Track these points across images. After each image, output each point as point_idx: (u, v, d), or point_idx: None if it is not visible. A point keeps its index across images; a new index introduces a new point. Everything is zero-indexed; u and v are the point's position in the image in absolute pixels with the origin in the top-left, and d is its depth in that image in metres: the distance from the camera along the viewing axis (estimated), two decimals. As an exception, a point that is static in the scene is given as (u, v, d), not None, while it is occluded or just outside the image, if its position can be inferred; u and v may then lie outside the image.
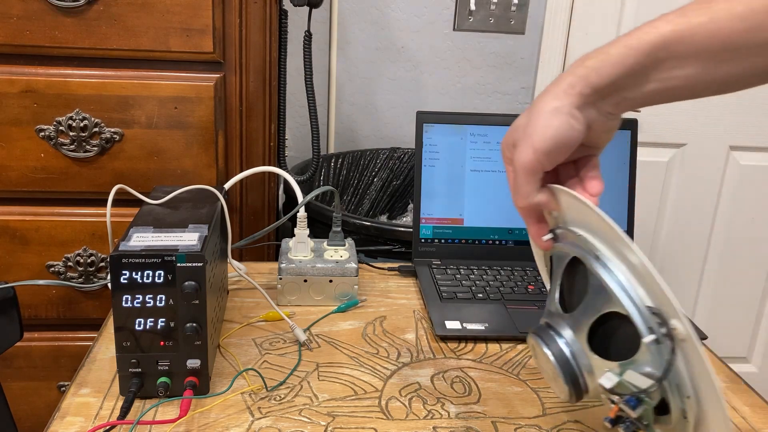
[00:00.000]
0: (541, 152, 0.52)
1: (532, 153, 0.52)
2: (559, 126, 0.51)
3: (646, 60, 0.49)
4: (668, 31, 0.49)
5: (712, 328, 1.92)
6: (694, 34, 0.48)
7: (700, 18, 0.48)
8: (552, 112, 0.51)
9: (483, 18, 1.67)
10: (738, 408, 0.71)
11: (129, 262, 0.62)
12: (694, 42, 0.48)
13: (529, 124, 0.52)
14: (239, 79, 1.08)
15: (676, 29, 0.49)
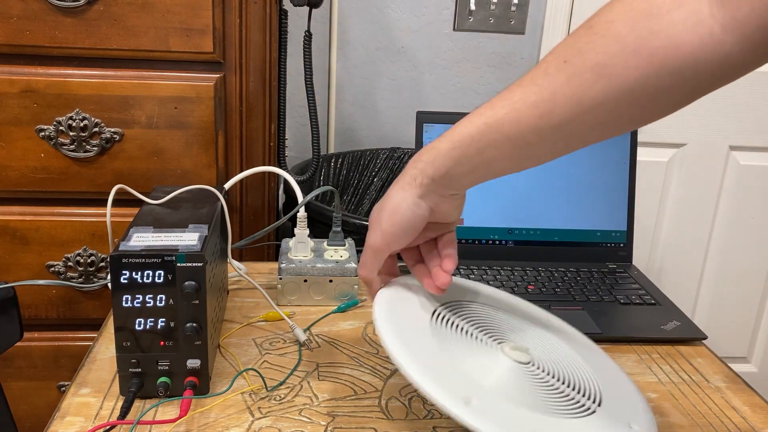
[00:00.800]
0: (388, 235, 0.61)
1: (380, 236, 0.61)
2: (404, 213, 0.60)
3: (468, 150, 0.57)
4: (482, 123, 0.56)
5: (712, 328, 1.92)
6: (501, 124, 0.55)
7: (504, 109, 0.55)
8: (398, 202, 0.60)
9: (483, 18, 1.67)
10: (738, 408, 0.71)
11: (129, 262, 0.62)
12: (503, 131, 0.55)
13: (381, 210, 0.61)
14: (239, 79, 1.08)
15: (487, 121, 0.56)
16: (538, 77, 0.54)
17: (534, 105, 0.54)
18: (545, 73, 0.54)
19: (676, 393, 0.73)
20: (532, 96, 0.54)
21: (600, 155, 1.01)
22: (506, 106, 0.55)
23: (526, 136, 0.55)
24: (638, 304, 0.90)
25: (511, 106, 0.55)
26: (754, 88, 1.73)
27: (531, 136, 0.55)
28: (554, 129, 0.54)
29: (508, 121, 0.55)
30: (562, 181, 1.01)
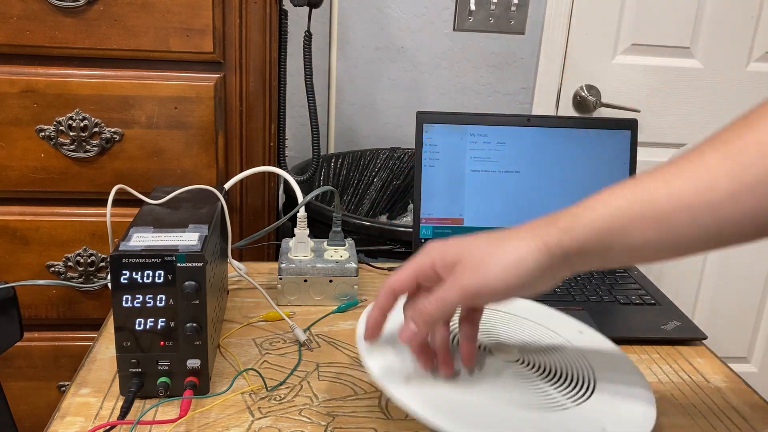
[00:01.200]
0: (495, 284, 0.52)
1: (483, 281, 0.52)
2: (529, 269, 0.52)
3: (610, 224, 0.51)
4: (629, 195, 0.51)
5: (712, 328, 1.91)
6: (652, 198, 0.51)
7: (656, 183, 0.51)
8: (524, 255, 0.52)
9: (483, 18, 1.67)
10: (738, 408, 0.71)
11: (129, 262, 0.62)
12: (653, 206, 0.50)
13: (492, 256, 0.53)
14: (239, 79, 1.08)
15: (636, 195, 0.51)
16: (693, 156, 0.51)
17: (689, 179, 0.50)
18: (700, 153, 0.51)
19: (676, 393, 0.73)
20: (687, 171, 0.51)
21: (600, 155, 1.01)
22: (658, 180, 0.51)
23: (679, 214, 0.50)
24: (638, 304, 0.90)
25: (663, 180, 0.51)
26: (755, 88, 1.73)
27: (683, 215, 0.50)
28: (710, 209, 0.50)
29: (660, 195, 0.51)
30: (563, 182, 1.01)
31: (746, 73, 1.73)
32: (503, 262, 0.52)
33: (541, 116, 1.49)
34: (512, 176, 1.00)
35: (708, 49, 1.70)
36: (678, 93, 1.74)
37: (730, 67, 1.72)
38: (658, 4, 1.67)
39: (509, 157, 1.00)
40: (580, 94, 1.72)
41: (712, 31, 1.69)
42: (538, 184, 1.01)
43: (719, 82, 1.73)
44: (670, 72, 1.72)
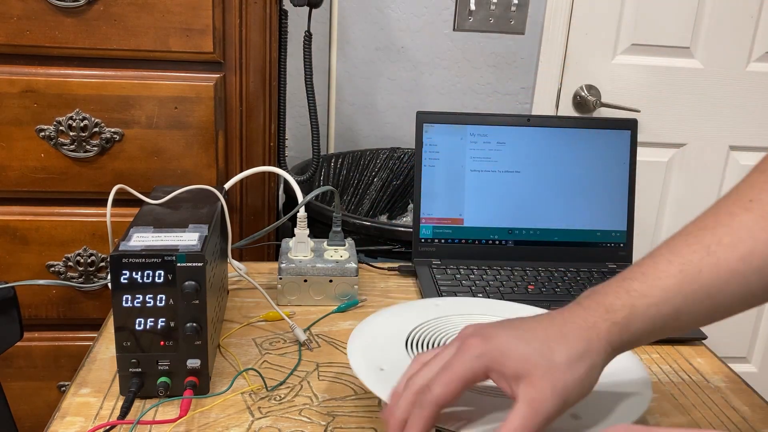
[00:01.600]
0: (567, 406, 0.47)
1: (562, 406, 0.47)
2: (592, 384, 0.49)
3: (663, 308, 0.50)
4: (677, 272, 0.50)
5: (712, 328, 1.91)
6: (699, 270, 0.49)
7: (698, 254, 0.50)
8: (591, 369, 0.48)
9: (483, 18, 1.67)
10: (738, 408, 0.71)
11: (129, 262, 0.62)
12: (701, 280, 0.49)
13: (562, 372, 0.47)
14: (239, 79, 1.08)
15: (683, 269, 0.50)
16: (723, 218, 0.51)
17: (731, 246, 0.49)
18: (730, 213, 0.51)
19: (676, 393, 0.73)
20: (726, 237, 0.50)
21: (600, 155, 1.01)
22: (699, 250, 0.50)
23: (728, 285, 0.49)
24: (638, 304, 0.90)
25: (705, 250, 0.50)
26: (754, 88, 1.73)
27: (731, 285, 0.49)
28: (756, 272, 0.49)
29: (707, 266, 0.49)
30: (562, 181, 1.01)
31: (746, 73, 1.73)
32: (579, 376, 0.47)
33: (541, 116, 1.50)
34: (512, 176, 1.00)
35: (708, 49, 1.70)
36: (678, 93, 1.74)
37: (730, 67, 1.72)
38: (658, 4, 1.66)
39: (509, 157, 1.00)
40: (580, 94, 1.72)
41: (712, 31, 1.69)
42: (538, 184, 1.01)
43: (719, 82, 1.73)
44: (670, 72, 1.72)
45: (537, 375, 0.46)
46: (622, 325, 0.49)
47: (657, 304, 0.50)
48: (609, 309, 0.50)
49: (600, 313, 0.50)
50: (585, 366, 0.48)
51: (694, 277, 0.49)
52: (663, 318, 0.50)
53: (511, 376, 0.47)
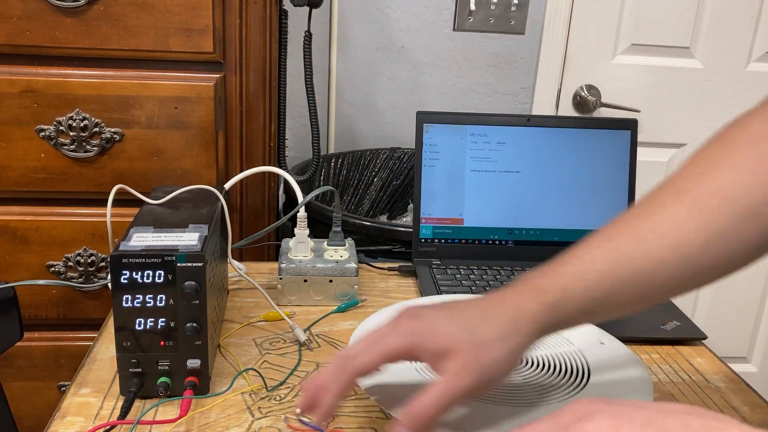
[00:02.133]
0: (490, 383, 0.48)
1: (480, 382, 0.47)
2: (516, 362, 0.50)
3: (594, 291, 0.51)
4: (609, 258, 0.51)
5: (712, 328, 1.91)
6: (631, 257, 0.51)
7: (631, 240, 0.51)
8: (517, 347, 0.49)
9: (483, 18, 1.67)
10: (738, 408, 0.71)
11: (129, 262, 0.62)
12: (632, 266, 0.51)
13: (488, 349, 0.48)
14: (239, 79, 1.08)
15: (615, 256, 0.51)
16: (657, 207, 0.52)
17: (661, 235, 0.51)
18: (663, 204, 0.52)
19: (676, 393, 0.73)
20: (657, 226, 0.51)
21: (600, 155, 1.01)
22: (631, 238, 0.52)
23: (657, 272, 0.51)
24: (638, 304, 0.90)
25: (637, 238, 0.52)
26: (755, 88, 1.73)
27: (660, 272, 0.51)
28: (683, 261, 0.51)
29: (638, 253, 0.51)
30: (562, 181, 1.01)
31: (746, 73, 1.73)
32: (503, 353, 0.48)
33: (541, 116, 1.49)
34: (512, 176, 1.01)
35: (708, 49, 1.70)
36: (678, 93, 1.74)
37: (730, 67, 1.72)
38: (658, 4, 1.66)
39: (509, 157, 1.00)
40: (580, 94, 1.72)
41: (712, 31, 1.69)
42: (538, 184, 1.01)
43: (719, 82, 1.73)
44: (670, 72, 1.72)
45: (461, 351, 0.47)
46: (553, 306, 0.50)
47: (588, 288, 0.51)
48: (541, 291, 0.51)
49: (532, 294, 0.51)
50: (509, 345, 0.49)
51: (626, 264, 0.51)
52: (594, 301, 0.51)
53: (436, 352, 0.48)
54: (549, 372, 0.63)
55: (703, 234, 0.51)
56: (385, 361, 0.49)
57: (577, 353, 0.66)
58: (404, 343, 0.49)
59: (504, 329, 0.49)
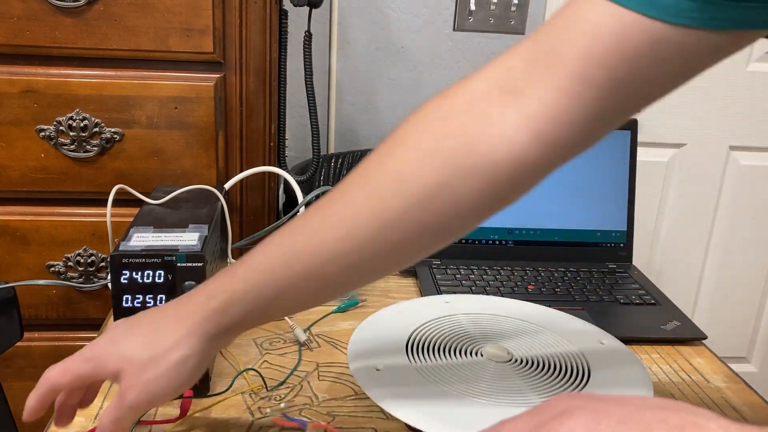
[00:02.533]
0: (162, 394, 0.50)
1: (148, 394, 0.49)
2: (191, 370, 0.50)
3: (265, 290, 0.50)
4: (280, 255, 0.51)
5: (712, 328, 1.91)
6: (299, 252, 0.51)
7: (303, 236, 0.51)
8: (184, 356, 0.50)
9: (483, 18, 1.67)
10: (738, 408, 0.71)
11: (129, 262, 0.62)
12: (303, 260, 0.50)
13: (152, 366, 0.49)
14: (239, 79, 1.08)
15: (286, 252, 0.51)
16: (339, 197, 0.51)
17: (334, 226, 0.50)
18: (343, 192, 0.51)
19: (676, 393, 0.73)
20: (332, 218, 0.50)
21: (600, 155, 1.01)
22: (305, 232, 0.51)
23: (329, 266, 0.50)
24: (638, 304, 0.90)
25: (312, 233, 0.50)
26: (754, 88, 1.73)
27: (333, 266, 0.50)
28: (356, 253, 0.49)
29: (309, 247, 0.50)
30: (562, 181, 1.01)
31: (746, 73, 1.73)
32: (166, 368, 0.49)
33: (541, 116, 1.49)
34: (512, 176, 1.00)
35: (708, 49, 1.70)
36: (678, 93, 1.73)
37: (730, 67, 1.72)
38: (658, 4, 1.66)
39: (509, 157, 1.00)
40: (580, 94, 1.72)
41: (712, 31, 1.69)
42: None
43: (719, 82, 1.73)
44: (670, 72, 1.71)
45: (129, 371, 0.49)
46: (220, 310, 0.50)
47: (258, 287, 0.50)
48: (209, 296, 0.51)
49: (200, 300, 0.51)
50: (174, 358, 0.49)
51: (298, 259, 0.50)
52: (265, 300, 0.50)
53: (112, 374, 0.50)
54: (549, 372, 0.63)
55: (377, 221, 0.49)
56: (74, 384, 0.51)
57: (577, 353, 0.66)
58: (87, 370, 0.51)
59: (170, 343, 0.50)
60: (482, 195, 0.50)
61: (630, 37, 0.45)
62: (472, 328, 0.70)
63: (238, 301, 0.50)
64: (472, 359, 0.64)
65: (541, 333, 0.70)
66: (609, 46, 0.45)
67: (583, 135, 0.49)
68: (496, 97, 0.49)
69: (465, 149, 0.48)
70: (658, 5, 0.44)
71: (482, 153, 0.48)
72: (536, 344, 0.68)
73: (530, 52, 0.49)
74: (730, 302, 1.93)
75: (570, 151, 0.51)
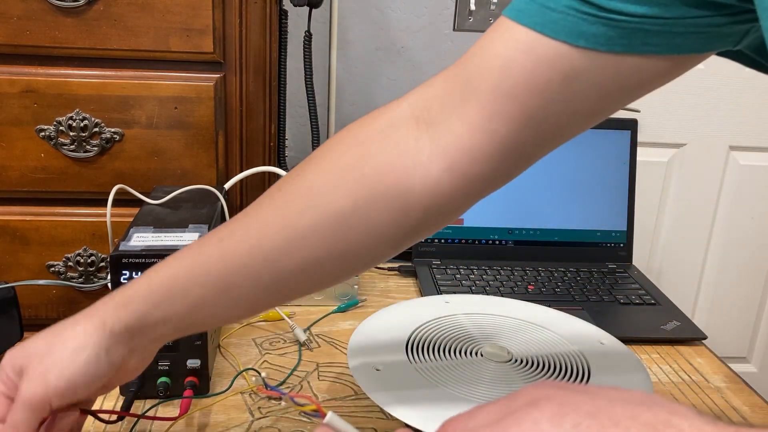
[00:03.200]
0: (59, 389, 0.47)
1: (44, 388, 0.47)
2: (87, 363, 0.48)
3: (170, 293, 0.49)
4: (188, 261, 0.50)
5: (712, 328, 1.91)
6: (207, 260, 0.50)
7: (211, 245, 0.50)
8: (80, 347, 0.48)
9: (483, 18, 1.67)
10: (738, 408, 0.71)
11: (129, 262, 0.62)
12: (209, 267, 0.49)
13: (49, 355, 0.48)
14: (239, 79, 1.08)
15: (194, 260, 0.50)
16: (251, 209, 0.50)
17: (243, 239, 0.49)
18: (258, 204, 0.50)
19: (676, 393, 0.73)
20: (241, 229, 0.49)
21: (600, 155, 1.01)
22: (213, 243, 0.50)
23: (235, 276, 0.48)
24: (638, 304, 0.90)
25: (218, 242, 0.49)
26: (754, 88, 1.73)
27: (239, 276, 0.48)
28: (266, 266, 0.48)
29: (216, 255, 0.49)
30: (562, 181, 1.01)
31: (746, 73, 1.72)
32: (61, 356, 0.47)
33: (541, 116, 1.49)
34: (512, 176, 1.00)
35: (708, 49, 1.70)
36: (678, 93, 1.74)
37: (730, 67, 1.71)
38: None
39: (509, 157, 1.00)
40: (580, 94, 1.72)
41: (712, 31, 1.69)
42: (538, 184, 1.01)
43: (719, 82, 1.73)
44: (670, 72, 1.71)
45: (30, 366, 0.48)
46: (121, 304, 0.49)
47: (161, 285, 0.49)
48: (115, 293, 0.50)
49: (106, 298, 0.50)
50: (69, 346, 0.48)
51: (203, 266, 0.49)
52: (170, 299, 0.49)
53: (17, 374, 0.49)
54: (549, 372, 0.63)
55: (282, 238, 0.48)
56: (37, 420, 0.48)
57: (577, 353, 0.66)
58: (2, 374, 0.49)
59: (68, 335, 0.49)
60: (395, 224, 0.48)
61: (542, 70, 0.44)
62: (472, 328, 0.70)
63: (140, 296, 0.49)
64: (472, 359, 0.64)
65: (541, 333, 0.70)
66: (519, 82, 0.45)
67: (499, 170, 0.50)
68: (413, 126, 0.48)
69: (377, 176, 0.48)
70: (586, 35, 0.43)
71: (395, 180, 0.47)
72: (536, 344, 0.68)
73: (449, 84, 0.50)
74: (730, 302, 1.93)
75: (487, 186, 0.51)
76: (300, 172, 0.50)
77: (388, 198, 0.48)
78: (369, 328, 0.70)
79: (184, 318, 0.50)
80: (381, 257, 0.52)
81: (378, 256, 0.51)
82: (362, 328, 0.70)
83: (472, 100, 0.47)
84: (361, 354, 0.64)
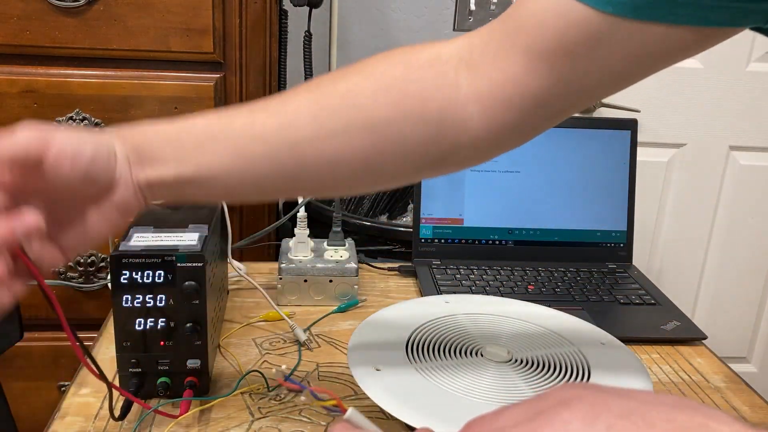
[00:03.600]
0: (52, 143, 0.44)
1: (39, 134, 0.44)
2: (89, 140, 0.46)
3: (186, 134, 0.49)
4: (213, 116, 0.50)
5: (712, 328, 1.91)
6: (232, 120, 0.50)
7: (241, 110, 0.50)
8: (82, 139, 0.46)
9: (483, 18, 1.67)
10: (738, 408, 0.71)
11: (129, 262, 0.62)
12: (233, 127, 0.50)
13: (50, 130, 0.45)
14: (239, 79, 1.08)
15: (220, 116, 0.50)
16: (287, 95, 0.51)
17: (274, 113, 0.50)
18: (294, 93, 0.51)
19: (675, 393, 0.73)
20: (274, 106, 0.50)
21: (600, 155, 1.01)
22: (245, 110, 0.51)
23: (254, 146, 0.49)
24: (638, 304, 0.90)
25: (249, 111, 0.50)
26: (754, 88, 1.73)
27: (259, 147, 0.49)
28: (288, 147, 0.49)
29: (241, 119, 0.50)
30: (562, 181, 1.01)
31: (746, 73, 1.73)
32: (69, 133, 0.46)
33: (541, 116, 1.49)
34: (512, 176, 1.01)
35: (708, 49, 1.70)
36: (678, 93, 1.74)
37: (730, 67, 1.72)
38: (658, 4, 1.66)
39: (509, 157, 1.00)
40: (580, 94, 1.72)
41: (712, 31, 1.69)
42: (538, 184, 1.01)
43: (719, 82, 1.73)
44: (670, 72, 1.71)
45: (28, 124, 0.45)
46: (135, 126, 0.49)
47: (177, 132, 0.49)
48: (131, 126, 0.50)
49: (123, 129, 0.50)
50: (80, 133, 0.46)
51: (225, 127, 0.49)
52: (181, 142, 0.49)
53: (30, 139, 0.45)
54: (549, 372, 0.63)
55: (317, 127, 0.49)
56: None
57: (577, 353, 0.66)
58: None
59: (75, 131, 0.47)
60: (424, 148, 0.51)
61: (572, 33, 0.46)
62: (472, 328, 0.70)
63: (155, 134, 0.49)
64: (472, 359, 0.64)
65: (541, 333, 0.70)
66: (551, 43, 0.47)
67: (529, 122, 0.51)
68: (456, 65, 0.51)
69: (419, 98, 0.50)
70: (614, 2, 0.44)
71: (434, 108, 0.50)
72: (536, 344, 0.68)
73: (493, 35, 0.53)
74: (730, 302, 1.93)
75: (515, 136, 0.52)
76: (342, 75, 0.52)
77: (425, 121, 0.50)
78: (369, 328, 0.70)
79: (189, 167, 0.49)
80: (400, 177, 0.54)
81: (398, 174, 0.53)
82: (362, 328, 0.70)
83: (510, 54, 0.50)
84: (361, 354, 0.64)
